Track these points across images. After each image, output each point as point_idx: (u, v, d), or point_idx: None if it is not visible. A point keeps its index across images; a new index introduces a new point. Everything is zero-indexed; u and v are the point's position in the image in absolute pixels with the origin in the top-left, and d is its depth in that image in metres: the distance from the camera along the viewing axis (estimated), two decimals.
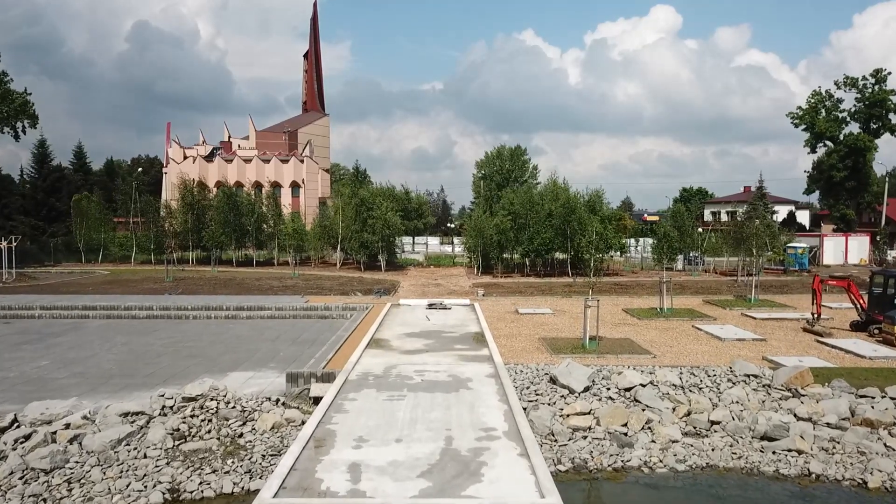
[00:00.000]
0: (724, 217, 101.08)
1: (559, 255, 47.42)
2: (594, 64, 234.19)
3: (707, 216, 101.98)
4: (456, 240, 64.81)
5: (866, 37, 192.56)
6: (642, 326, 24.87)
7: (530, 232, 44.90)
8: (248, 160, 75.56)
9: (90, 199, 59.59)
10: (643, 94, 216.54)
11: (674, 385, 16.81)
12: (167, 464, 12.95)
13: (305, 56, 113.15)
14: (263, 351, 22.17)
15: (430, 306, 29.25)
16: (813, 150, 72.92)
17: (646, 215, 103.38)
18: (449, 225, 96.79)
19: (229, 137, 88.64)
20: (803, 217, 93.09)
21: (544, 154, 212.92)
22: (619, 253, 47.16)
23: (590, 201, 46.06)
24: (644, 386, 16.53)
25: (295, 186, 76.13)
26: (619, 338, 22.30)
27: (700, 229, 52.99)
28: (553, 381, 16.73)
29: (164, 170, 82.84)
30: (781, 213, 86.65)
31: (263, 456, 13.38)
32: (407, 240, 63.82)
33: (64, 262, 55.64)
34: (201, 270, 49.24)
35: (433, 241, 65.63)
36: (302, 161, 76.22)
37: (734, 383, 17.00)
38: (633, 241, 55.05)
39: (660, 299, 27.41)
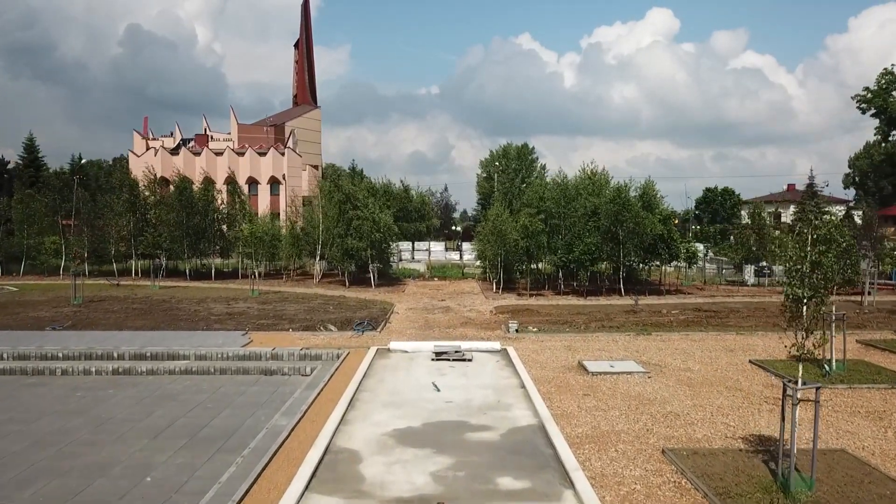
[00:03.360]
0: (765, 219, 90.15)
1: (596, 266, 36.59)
2: (591, 68, 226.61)
3: (744, 218, 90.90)
4: (465, 245, 53.98)
5: (862, 39, 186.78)
6: (827, 406, 13.85)
7: (568, 236, 33.98)
8: (219, 153, 64.75)
9: (33, 199, 48.86)
10: (640, 98, 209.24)
11: None
12: None
13: (296, 46, 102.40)
14: (118, 471, 11.20)
15: (439, 356, 18.26)
16: (886, 138, 62.00)
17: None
18: (454, 228, 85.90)
19: (206, 130, 77.73)
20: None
21: (542, 157, 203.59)
22: (686, 264, 36.13)
23: (643, 195, 34.88)
24: None
25: (274, 183, 65.28)
26: (824, 448, 11.25)
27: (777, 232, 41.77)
28: None
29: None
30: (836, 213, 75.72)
31: None
32: (406, 245, 52.97)
33: None
34: (139, 286, 38.29)
35: (437, 248, 54.71)
36: (282, 154, 65.34)
37: None
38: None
39: (826, 348, 16.34)
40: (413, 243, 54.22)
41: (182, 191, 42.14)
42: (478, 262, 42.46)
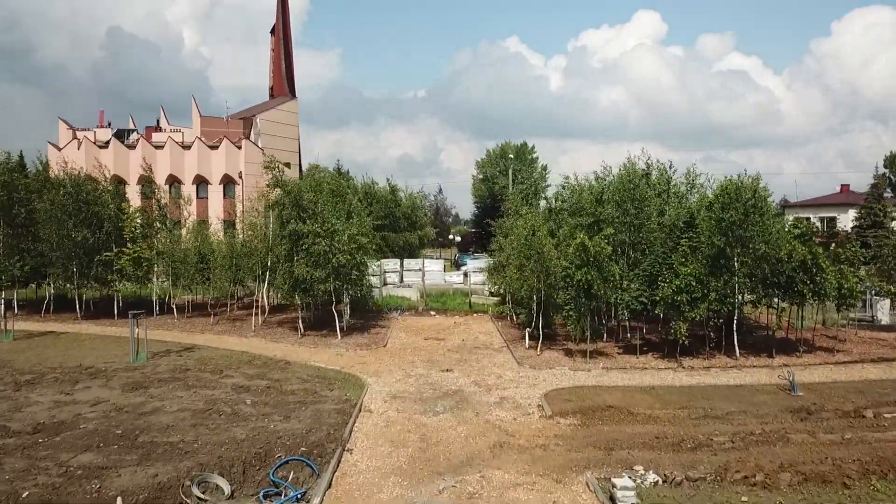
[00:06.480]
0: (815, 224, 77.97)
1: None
2: (578, 71, 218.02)
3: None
4: (471, 263, 41.41)
5: (845, 43, 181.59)
6: None
7: (645, 261, 21.47)
8: (159, 146, 51.87)
9: None
10: (628, 101, 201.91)
11: None
12: None
13: (272, 32, 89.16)
14: None
15: None
16: None
17: None
18: (450, 237, 73.33)
19: (158, 123, 64.55)
20: None
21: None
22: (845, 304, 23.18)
23: (754, 195, 21.80)
24: None
25: (229, 183, 52.46)
26: None
27: None
28: None
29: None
30: None
31: None
32: (392, 265, 40.31)
33: None
34: None
35: (433, 267, 41.88)
36: (239, 147, 52.49)
37: None
38: None
39: None
40: (402, 260, 41.56)
41: (67, 194, 29.24)
42: (490, 290, 30.03)
